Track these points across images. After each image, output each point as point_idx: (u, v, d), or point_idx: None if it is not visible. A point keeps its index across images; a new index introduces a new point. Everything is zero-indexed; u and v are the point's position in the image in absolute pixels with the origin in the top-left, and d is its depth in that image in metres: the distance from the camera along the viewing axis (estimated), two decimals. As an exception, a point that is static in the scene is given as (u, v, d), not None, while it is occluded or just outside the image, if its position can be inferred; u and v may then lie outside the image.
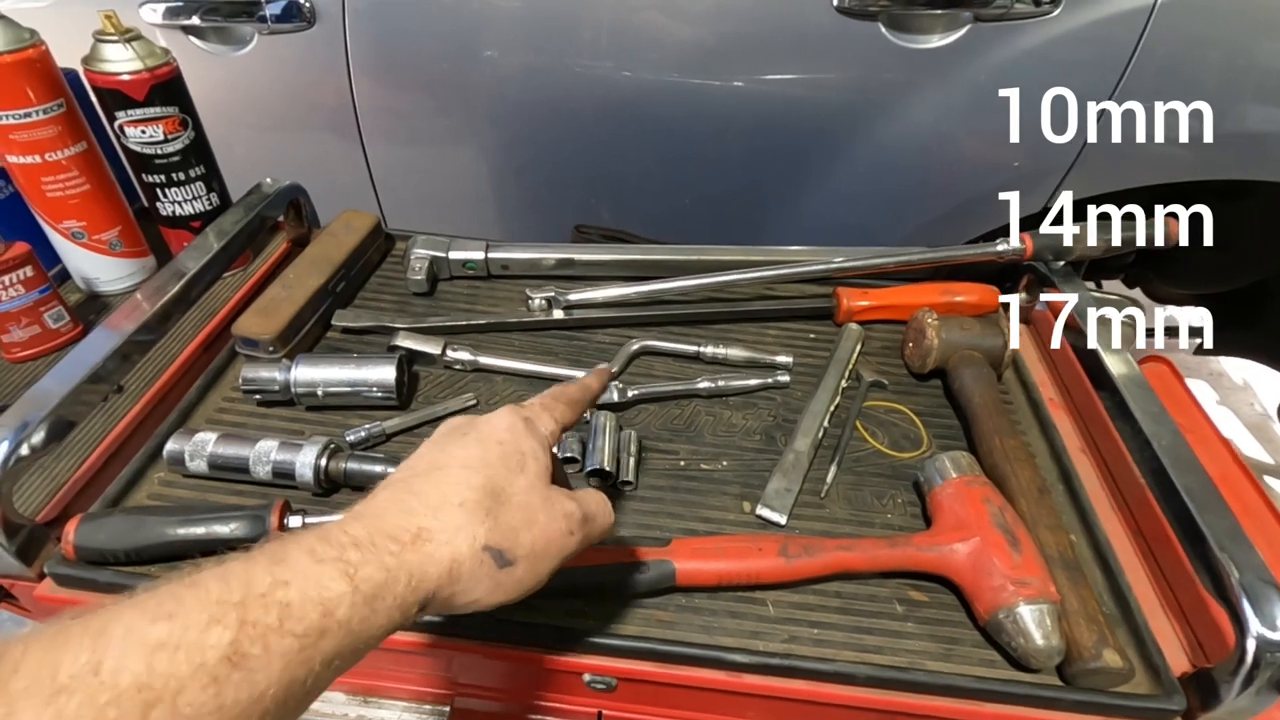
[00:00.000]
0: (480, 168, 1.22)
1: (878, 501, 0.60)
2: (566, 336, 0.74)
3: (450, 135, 1.19)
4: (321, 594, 0.28)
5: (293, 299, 0.67)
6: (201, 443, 0.55)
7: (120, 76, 0.64)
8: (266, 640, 0.25)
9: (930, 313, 0.69)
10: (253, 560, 0.28)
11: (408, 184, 1.23)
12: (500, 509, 0.35)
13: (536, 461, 0.38)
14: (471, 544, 0.33)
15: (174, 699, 0.23)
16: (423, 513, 0.33)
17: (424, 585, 0.31)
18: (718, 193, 1.16)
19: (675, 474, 0.61)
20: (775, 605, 0.52)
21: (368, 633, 0.29)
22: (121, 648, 0.23)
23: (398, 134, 1.18)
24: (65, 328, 0.68)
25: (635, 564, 0.49)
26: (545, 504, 0.37)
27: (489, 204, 1.27)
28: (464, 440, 0.37)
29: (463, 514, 0.34)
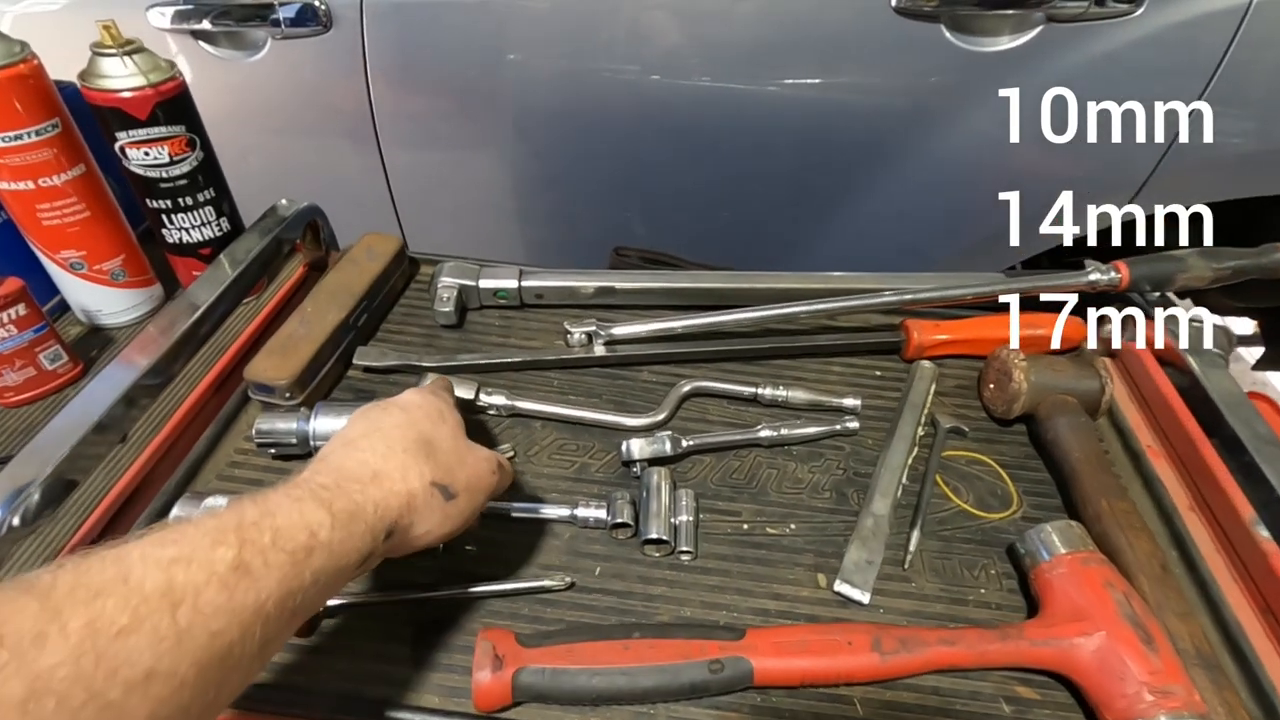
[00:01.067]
0: (506, 179, 1.15)
1: (969, 573, 0.53)
2: (609, 375, 0.67)
3: (473, 144, 1.12)
4: (305, 520, 0.32)
5: (311, 337, 0.61)
6: (210, 511, 0.49)
7: (121, 94, 0.57)
8: (265, 555, 0.30)
9: (1015, 352, 0.62)
10: (237, 503, 0.32)
11: (428, 194, 1.17)
12: (436, 453, 0.41)
13: (452, 414, 0.45)
14: (421, 479, 0.38)
15: (195, 599, 0.27)
16: (374, 461, 0.38)
17: (388, 515, 0.36)
18: (758, 206, 1.09)
19: (739, 539, 0.54)
20: (864, 704, 0.45)
21: (345, 554, 0.33)
22: (142, 565, 0.27)
23: (417, 142, 1.12)
24: (64, 368, 0.62)
25: (708, 662, 0.43)
26: (469, 448, 0.44)
27: (514, 217, 1.21)
28: (385, 411, 0.42)
29: (408, 458, 0.39)
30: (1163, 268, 0.64)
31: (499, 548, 0.52)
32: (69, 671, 0.23)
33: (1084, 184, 0.97)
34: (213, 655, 0.27)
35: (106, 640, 0.24)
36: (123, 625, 0.24)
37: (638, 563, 0.52)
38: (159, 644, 0.25)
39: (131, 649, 0.24)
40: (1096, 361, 0.63)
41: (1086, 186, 0.97)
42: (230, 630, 0.27)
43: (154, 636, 0.25)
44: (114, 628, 0.24)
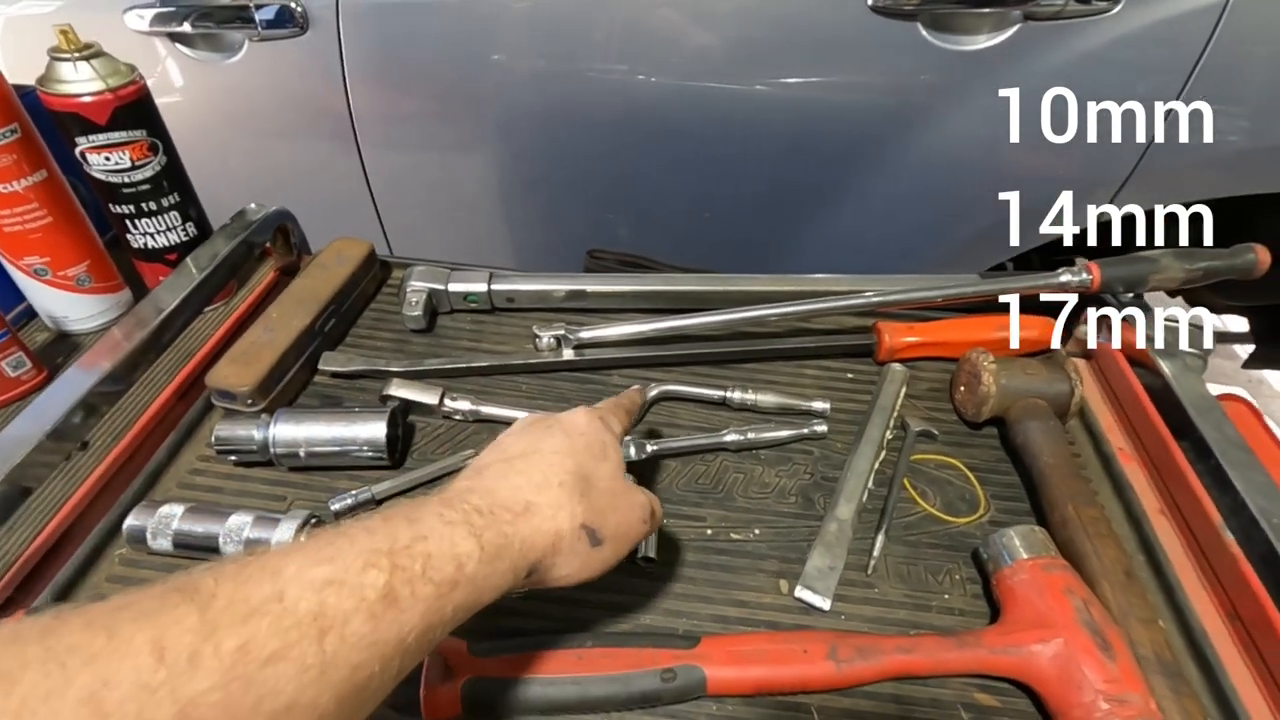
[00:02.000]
0: (487, 179, 1.15)
1: (933, 578, 0.53)
2: (579, 379, 0.67)
3: (454, 144, 1.12)
4: (454, 550, 0.31)
5: (274, 343, 0.61)
6: (166, 518, 0.49)
7: (80, 98, 0.57)
8: (413, 585, 0.29)
9: (985, 354, 0.62)
10: (391, 519, 0.31)
11: (409, 196, 1.17)
12: (591, 492, 0.38)
13: (615, 453, 0.42)
14: (571, 521, 0.36)
15: (342, 628, 0.26)
16: (529, 490, 0.36)
17: (532, 554, 0.35)
18: (741, 206, 1.08)
19: (703, 545, 0.54)
20: (822, 713, 0.45)
21: (487, 589, 0.32)
22: (297, 584, 0.26)
23: (397, 143, 1.11)
24: (27, 375, 0.62)
25: (659, 671, 0.42)
26: (626, 492, 0.41)
27: (496, 217, 1.20)
28: (549, 431, 0.40)
29: (563, 493, 0.37)
30: (1135, 269, 0.64)
31: (459, 555, 0.52)
32: (219, 698, 0.23)
33: (1064, 182, 0.97)
34: (353, 687, 0.26)
35: (256, 666, 0.24)
36: (273, 650, 0.24)
37: (598, 570, 0.52)
38: (303, 674, 0.25)
39: (278, 677, 0.24)
40: (1067, 364, 0.62)
41: (1067, 184, 0.97)
42: (371, 663, 0.27)
43: (300, 665, 0.25)
44: (264, 653, 0.24)
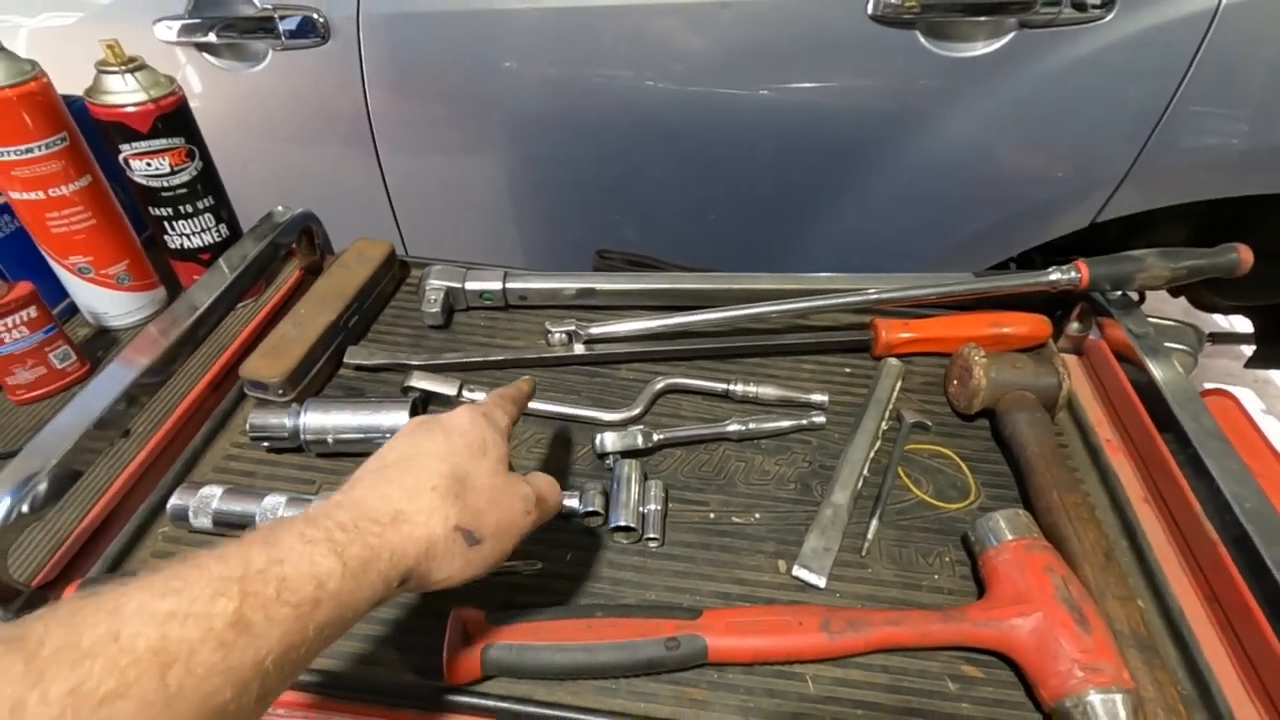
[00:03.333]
0: (499, 182, 1.19)
1: (924, 560, 0.56)
2: (588, 373, 0.70)
3: (468, 150, 1.16)
4: (314, 569, 0.30)
5: (303, 337, 0.64)
6: (206, 498, 0.53)
7: (124, 109, 0.61)
8: (268, 610, 0.28)
9: (977, 349, 0.65)
10: (247, 544, 0.30)
11: (425, 199, 1.21)
12: (467, 493, 0.38)
13: (496, 448, 0.42)
14: (444, 524, 0.36)
15: (188, 660, 0.25)
16: (399, 497, 0.36)
17: (404, 561, 0.34)
18: (744, 208, 1.11)
19: (705, 528, 0.57)
20: (816, 681, 0.48)
21: (355, 603, 0.32)
22: (136, 620, 0.25)
23: (414, 149, 1.15)
24: (72, 367, 0.66)
25: (663, 640, 0.46)
26: (506, 486, 0.41)
27: (508, 219, 1.24)
28: (429, 434, 0.41)
29: (435, 498, 0.37)
30: (1122, 268, 0.66)
31: (476, 535, 0.55)
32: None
33: (1060, 184, 1.00)
34: (206, 715, 0.26)
35: (91, 708, 0.23)
36: (109, 690, 0.23)
37: (607, 549, 0.55)
38: (146, 710, 0.24)
39: (118, 715, 0.23)
40: (1055, 359, 0.65)
41: (1063, 186, 1.00)
42: (224, 690, 0.26)
43: (141, 702, 0.24)
44: (100, 693, 0.23)
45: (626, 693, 0.47)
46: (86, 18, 1.11)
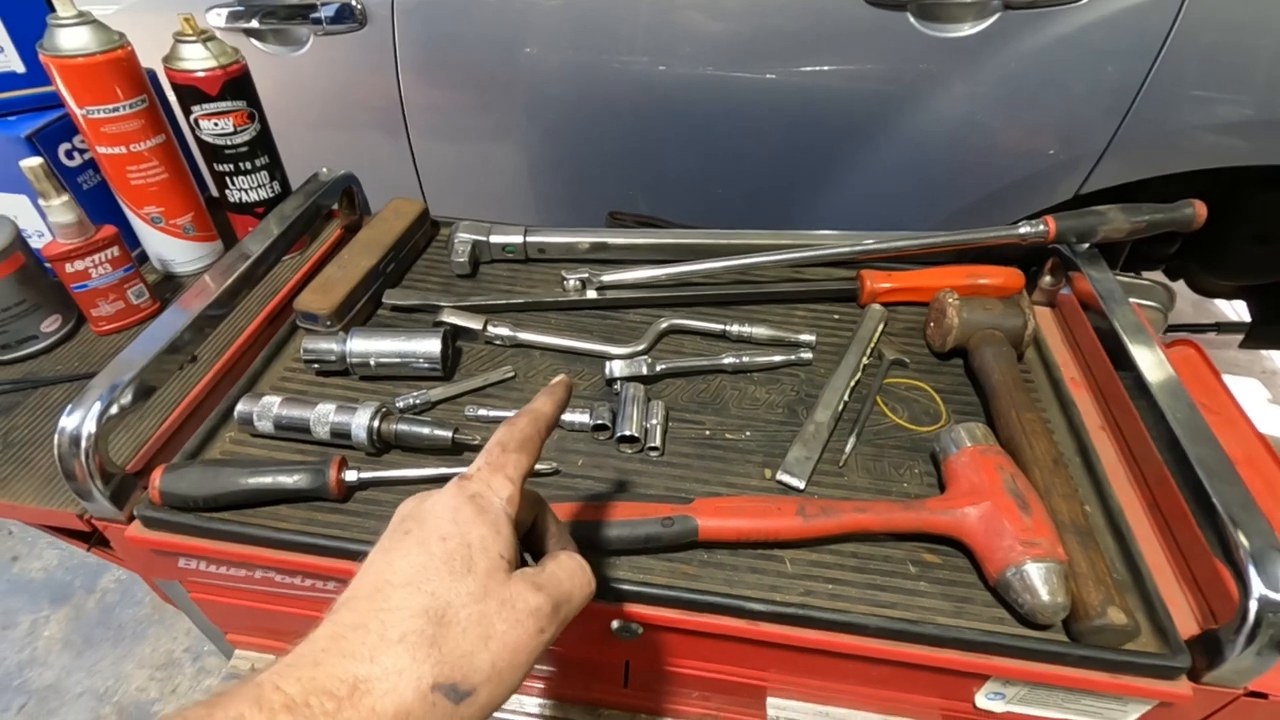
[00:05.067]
0: (520, 160, 1.27)
1: (895, 471, 0.62)
2: (600, 315, 0.78)
3: (492, 130, 1.24)
4: None
5: (348, 278, 0.73)
6: (268, 405, 0.61)
7: (196, 74, 0.70)
8: None
9: (951, 293, 0.71)
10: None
11: (451, 176, 1.29)
12: (447, 633, 0.31)
13: (486, 555, 0.33)
14: (417, 687, 0.29)
15: None
16: (360, 658, 0.29)
17: None
18: (750, 183, 1.19)
19: (701, 442, 0.64)
20: (793, 563, 0.55)
21: None
22: None
23: (442, 129, 1.24)
24: (145, 304, 0.75)
25: (660, 519, 0.53)
26: (502, 608, 0.32)
27: (528, 195, 1.32)
28: (405, 544, 0.33)
29: (404, 652, 0.29)
30: (1086, 221, 0.73)
31: (499, 444, 0.63)
32: None
33: (1044, 157, 1.06)
34: None
35: None
36: None
37: (613, 457, 0.63)
38: None
39: None
40: (1023, 301, 0.71)
41: (1047, 159, 1.06)
42: None
43: None
44: None
45: (628, 567, 0.54)
46: (145, 3, 1.20)
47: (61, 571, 1.67)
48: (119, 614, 1.59)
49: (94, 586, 1.64)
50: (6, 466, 0.61)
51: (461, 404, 0.67)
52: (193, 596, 0.65)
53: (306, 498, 0.57)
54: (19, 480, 0.60)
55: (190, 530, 0.55)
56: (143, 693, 1.47)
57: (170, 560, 0.60)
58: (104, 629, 1.57)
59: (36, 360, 0.71)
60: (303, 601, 0.61)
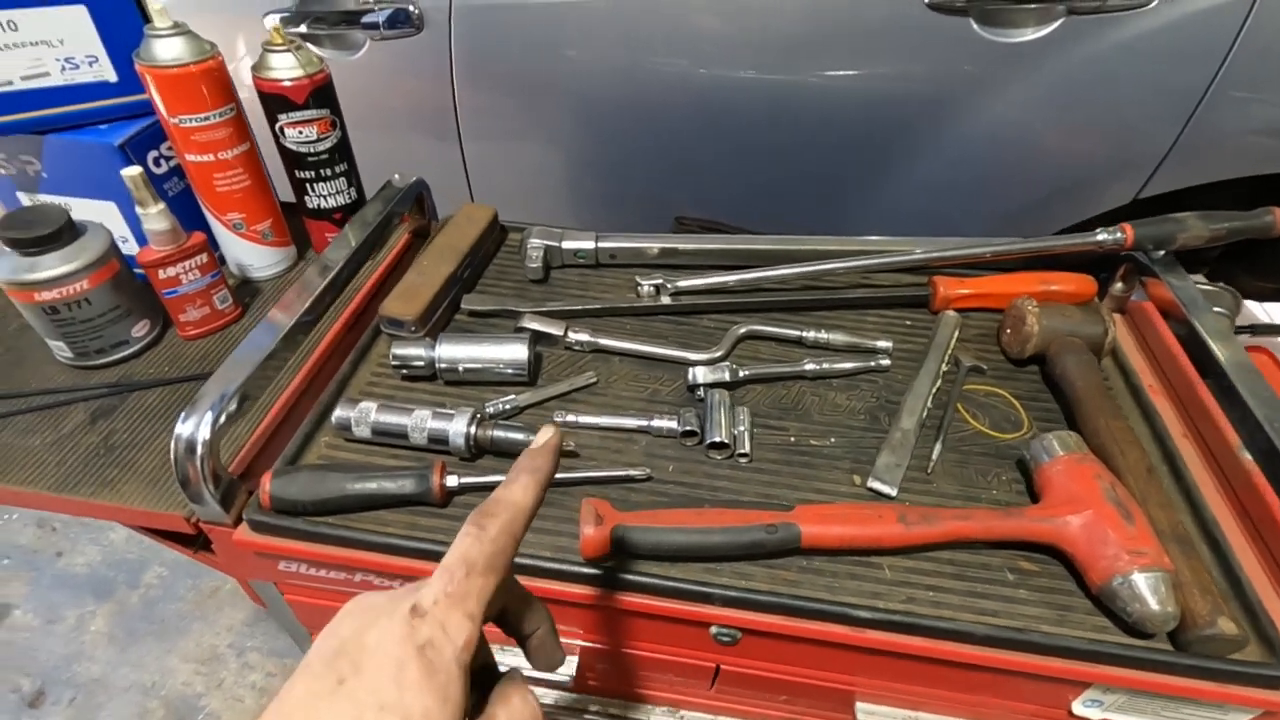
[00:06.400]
0: (569, 164, 1.28)
1: (982, 478, 0.63)
2: (674, 321, 0.78)
3: (542, 133, 1.25)
4: None
5: (429, 284, 0.73)
6: (365, 411, 0.62)
7: (283, 83, 0.71)
8: None
9: (1030, 300, 0.72)
10: None
11: (500, 180, 1.30)
12: None
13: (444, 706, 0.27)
14: None
15: None
16: None
17: None
18: (795, 187, 1.19)
19: (787, 449, 0.65)
20: (891, 570, 0.55)
21: None
22: None
23: (494, 132, 1.24)
24: (228, 309, 0.76)
25: (764, 526, 0.54)
26: None
27: (573, 200, 1.33)
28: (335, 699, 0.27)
29: None
30: (1164, 228, 0.73)
31: (590, 451, 0.64)
32: None
33: (1102, 164, 1.06)
34: None
35: None
36: None
37: (703, 463, 0.63)
38: None
39: None
40: (1101, 309, 0.72)
41: (1105, 164, 1.06)
42: None
43: None
44: None
45: (729, 573, 0.55)
46: (205, 8, 1.21)
47: (104, 567, 1.70)
48: (162, 608, 1.62)
49: (137, 582, 1.67)
50: (111, 469, 0.62)
51: (547, 409, 0.68)
52: (287, 598, 0.67)
53: (408, 502, 0.58)
54: (124, 482, 0.61)
55: (297, 534, 0.56)
56: (188, 687, 1.49)
57: (271, 563, 0.61)
58: (147, 623, 1.59)
59: (128, 364, 0.72)
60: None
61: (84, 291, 0.65)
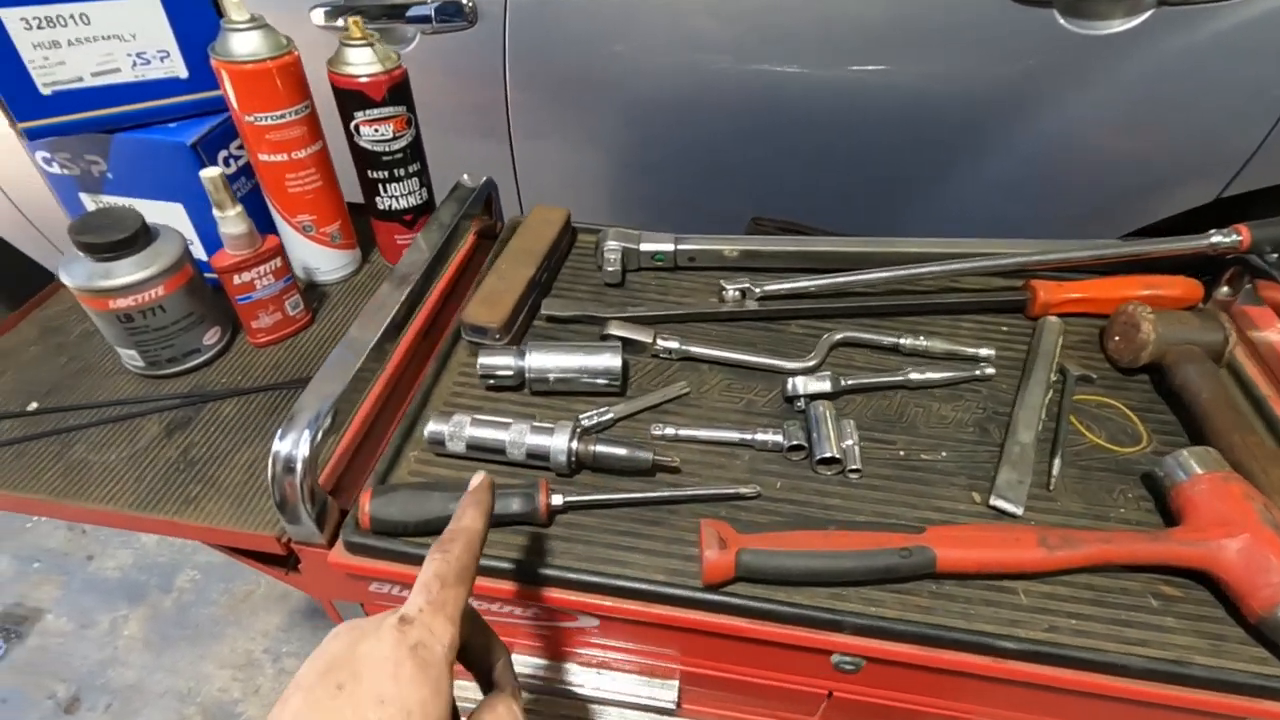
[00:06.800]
0: (620, 165, 1.24)
1: (1108, 496, 0.60)
2: (760, 327, 0.75)
3: (594, 133, 1.21)
4: None
5: (510, 289, 0.70)
6: (459, 425, 0.59)
7: (360, 79, 0.67)
8: None
9: (1144, 306, 0.68)
10: None
11: (548, 180, 1.26)
12: None
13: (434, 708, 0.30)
14: None
15: None
16: None
17: None
18: (857, 188, 1.15)
19: (897, 463, 0.62)
20: (1027, 595, 0.52)
21: None
22: None
23: (545, 130, 1.21)
24: (299, 315, 0.73)
25: (897, 550, 0.51)
26: None
27: (629, 201, 1.29)
28: (336, 704, 0.29)
29: None
30: (1283, 230, 0.69)
31: (691, 466, 0.61)
32: None
33: (1187, 161, 1.02)
34: None
35: None
36: None
37: (811, 479, 0.60)
38: None
39: None
40: (1219, 315, 0.68)
41: (1189, 163, 1.02)
42: None
43: None
44: None
45: (857, 599, 0.52)
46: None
47: (136, 570, 1.68)
48: (195, 613, 1.59)
49: (169, 586, 1.64)
50: (193, 485, 0.59)
51: (640, 420, 0.65)
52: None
53: (512, 522, 0.55)
54: (209, 499, 0.58)
55: (396, 557, 0.53)
56: (225, 693, 1.47)
57: (362, 584, 0.58)
58: (181, 628, 1.57)
59: (200, 373, 0.69)
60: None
61: (159, 298, 0.63)
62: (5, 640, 1.53)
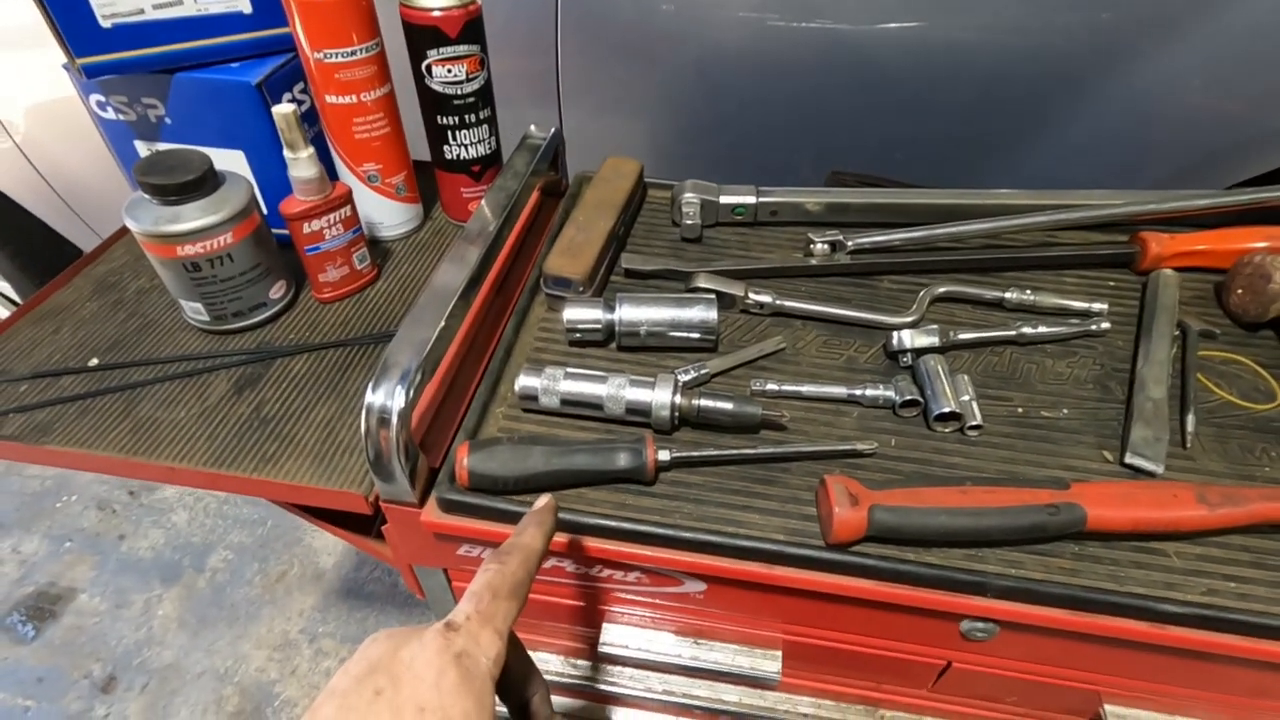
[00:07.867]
0: (677, 129, 1.19)
1: (1250, 455, 0.55)
2: (851, 283, 0.71)
3: (647, 95, 1.16)
4: None
5: (590, 241, 0.66)
6: (553, 378, 0.55)
7: (434, 12, 0.63)
8: None
9: (1274, 256, 0.64)
10: None
11: (597, 149, 1.21)
12: None
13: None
14: None
15: None
16: None
17: None
18: (935, 149, 1.10)
19: (1017, 420, 0.58)
20: (1179, 556, 0.48)
21: None
22: None
23: (593, 91, 1.16)
24: (366, 269, 0.69)
25: (1045, 506, 0.47)
26: None
27: (688, 166, 1.24)
28: (375, 709, 0.28)
29: None
30: None
31: (797, 423, 0.57)
32: None
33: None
34: None
35: None
36: None
37: (928, 437, 0.56)
38: None
39: None
40: (1356, 266, 0.64)
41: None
42: None
43: None
44: None
45: (995, 560, 0.48)
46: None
47: (169, 550, 1.66)
48: (230, 593, 1.57)
49: (203, 566, 1.62)
50: (270, 444, 0.56)
51: (735, 376, 0.61)
52: (455, 585, 0.60)
53: (616, 479, 0.51)
54: (287, 457, 0.55)
55: (494, 515, 0.50)
56: (263, 673, 1.45)
57: (450, 547, 0.54)
58: (217, 609, 1.55)
59: (266, 329, 0.65)
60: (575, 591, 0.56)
61: (227, 246, 0.59)
62: (37, 622, 1.51)
